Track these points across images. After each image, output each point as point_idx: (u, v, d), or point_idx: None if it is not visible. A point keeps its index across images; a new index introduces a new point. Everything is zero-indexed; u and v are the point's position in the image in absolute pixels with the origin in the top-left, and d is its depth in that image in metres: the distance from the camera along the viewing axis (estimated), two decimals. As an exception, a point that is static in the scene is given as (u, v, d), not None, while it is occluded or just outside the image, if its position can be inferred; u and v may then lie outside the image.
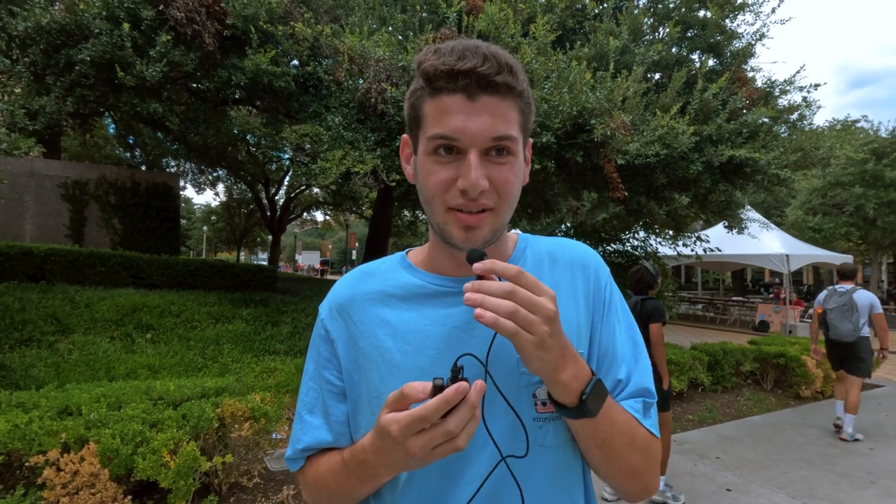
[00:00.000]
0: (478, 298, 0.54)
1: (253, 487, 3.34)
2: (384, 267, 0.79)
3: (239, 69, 5.70)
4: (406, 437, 0.52)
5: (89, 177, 9.78)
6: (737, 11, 6.65)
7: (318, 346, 0.77)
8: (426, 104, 0.63)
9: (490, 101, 0.60)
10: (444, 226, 0.65)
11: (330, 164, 5.01)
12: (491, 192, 0.62)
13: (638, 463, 0.69)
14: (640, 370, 0.74)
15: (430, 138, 0.62)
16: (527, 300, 0.54)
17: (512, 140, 0.62)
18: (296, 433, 0.77)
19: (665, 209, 6.56)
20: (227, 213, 24.21)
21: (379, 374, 0.70)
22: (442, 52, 0.61)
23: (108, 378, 4.62)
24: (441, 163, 0.63)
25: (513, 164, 0.64)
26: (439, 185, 0.63)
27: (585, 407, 0.60)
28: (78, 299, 6.47)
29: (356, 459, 0.64)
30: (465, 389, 0.50)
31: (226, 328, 6.62)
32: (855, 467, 4.21)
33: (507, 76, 0.61)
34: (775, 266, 13.43)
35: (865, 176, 15.81)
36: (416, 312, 0.71)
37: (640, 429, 0.69)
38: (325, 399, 0.75)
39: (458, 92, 0.60)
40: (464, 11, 5.70)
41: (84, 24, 5.23)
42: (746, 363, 6.61)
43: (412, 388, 0.53)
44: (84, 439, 2.61)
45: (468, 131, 0.60)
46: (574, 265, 0.76)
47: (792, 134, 6.52)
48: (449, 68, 0.59)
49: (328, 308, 0.78)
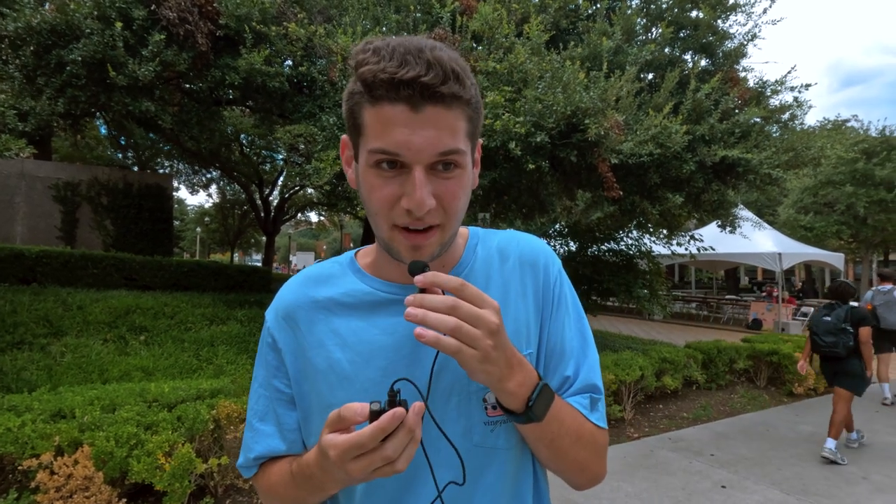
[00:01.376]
0: (419, 314, 0.52)
1: (249, 489, 3.33)
2: (333, 270, 0.76)
3: (232, 69, 5.67)
4: (344, 461, 0.52)
5: (81, 178, 9.71)
6: (729, 12, 6.69)
7: (265, 353, 0.75)
8: (365, 112, 0.58)
9: (435, 112, 0.56)
10: (389, 242, 0.62)
11: (324, 164, 5.00)
12: (437, 210, 0.59)
13: (585, 457, 0.70)
14: (587, 364, 0.74)
15: (371, 151, 0.58)
16: (469, 314, 0.53)
17: (459, 153, 0.59)
18: (247, 441, 0.75)
19: (658, 209, 6.59)
20: (221, 214, 24.07)
21: (328, 385, 0.68)
22: (381, 54, 0.55)
23: (101, 380, 4.58)
24: (384, 177, 0.58)
25: (460, 177, 0.60)
26: (383, 203, 0.59)
27: (532, 413, 0.61)
28: (70, 301, 6.41)
29: (303, 473, 0.63)
30: (401, 415, 0.50)
31: (220, 329, 6.59)
32: (848, 463, 4.25)
33: (453, 85, 0.55)
34: (768, 264, 13.54)
35: (856, 175, 15.97)
36: (365, 321, 0.69)
37: (586, 424, 0.70)
38: (275, 407, 0.73)
39: (400, 102, 0.55)
40: (457, 12, 5.70)
41: (75, 24, 5.19)
42: (740, 361, 6.66)
43: (350, 411, 0.52)
44: (78, 442, 2.59)
45: (412, 146, 0.56)
46: (523, 262, 0.74)
47: (783, 134, 6.57)
48: (390, 77, 0.54)
49: (274, 315, 0.74)
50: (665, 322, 14.85)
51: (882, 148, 15.96)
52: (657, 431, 4.97)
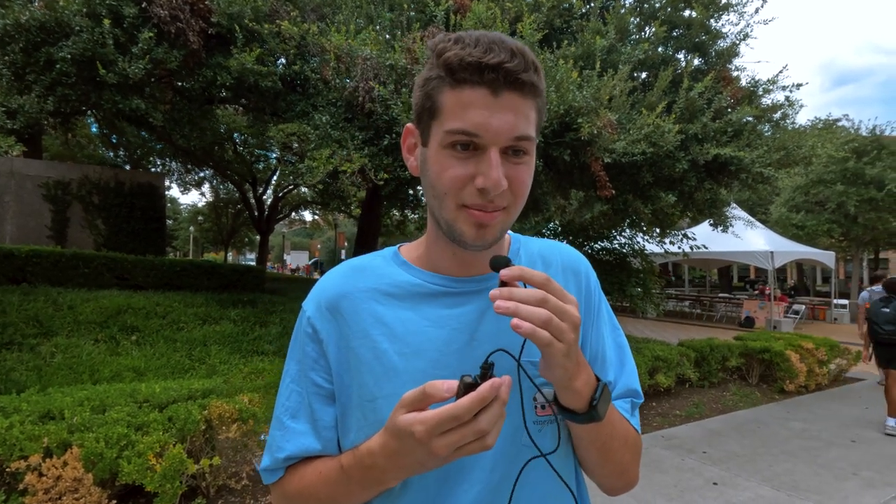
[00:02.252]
0: (511, 307, 0.52)
1: (241, 489, 3.31)
2: (376, 262, 0.75)
3: (224, 68, 5.64)
4: (433, 436, 0.50)
5: (72, 177, 9.61)
6: (721, 11, 6.72)
7: (303, 345, 0.72)
8: (445, 95, 0.60)
9: (513, 99, 0.58)
10: (453, 223, 0.63)
11: (317, 163, 4.98)
12: (507, 192, 0.61)
13: (628, 460, 0.71)
14: (626, 373, 0.76)
15: (448, 132, 0.59)
16: (557, 308, 0.53)
17: (530, 140, 0.61)
18: (276, 440, 0.71)
19: (651, 207, 6.62)
20: (214, 213, 23.94)
21: (373, 376, 0.66)
22: (465, 42, 0.58)
23: (92, 381, 4.55)
24: (457, 158, 0.60)
25: (528, 164, 0.63)
26: (454, 182, 0.60)
27: (595, 412, 0.60)
28: (61, 301, 6.35)
29: (361, 465, 0.60)
30: (498, 386, 0.49)
31: (213, 329, 6.55)
32: (837, 459, 4.30)
33: (532, 75, 0.59)
34: (760, 263, 13.64)
35: (847, 174, 16.09)
36: (414, 312, 0.68)
37: (630, 428, 0.72)
38: (311, 403, 0.70)
39: (483, 86, 0.57)
40: (451, 10, 5.69)
41: (64, 21, 5.14)
42: (732, 359, 6.71)
43: (436, 388, 0.51)
44: (67, 443, 2.57)
45: (491, 128, 0.58)
46: (566, 270, 0.76)
47: (775, 133, 6.61)
48: (476, 60, 0.56)
49: (315, 305, 0.72)
50: (658, 320, 14.94)
51: (872, 147, 16.10)
52: (650, 429, 4.99)
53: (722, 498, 3.52)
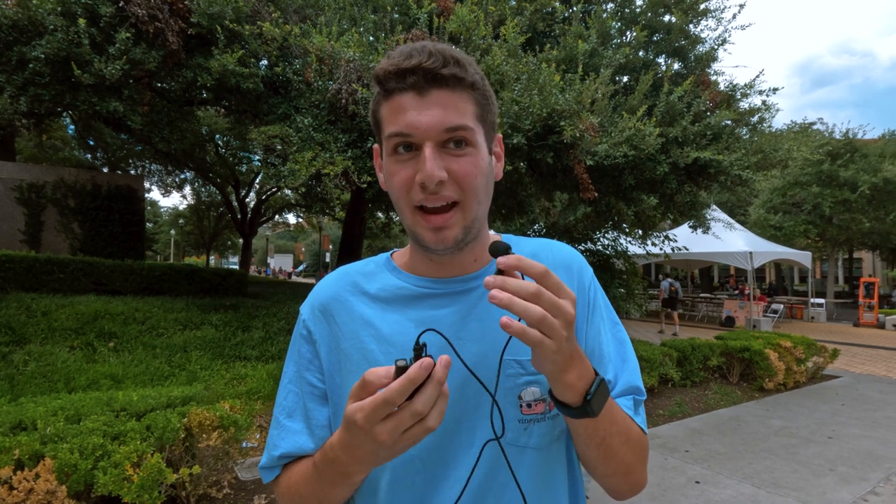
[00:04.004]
0: (505, 299, 0.51)
1: (223, 498, 3.25)
2: (368, 268, 0.78)
3: (205, 69, 5.55)
4: (373, 423, 0.49)
5: (46, 179, 9.37)
6: (700, 17, 6.86)
7: (299, 346, 0.75)
8: (382, 107, 0.64)
9: (440, 95, 0.61)
10: (413, 228, 0.65)
11: (300, 165, 4.93)
12: (452, 185, 0.62)
13: (632, 460, 0.69)
14: (628, 369, 0.74)
15: (387, 138, 0.63)
16: (551, 304, 0.52)
17: (467, 130, 0.62)
18: (272, 439, 0.73)
19: (633, 210, 6.71)
20: (196, 215, 23.57)
21: (361, 375, 0.68)
22: (391, 55, 0.62)
23: (67, 390, 4.42)
24: (400, 161, 0.63)
25: (473, 155, 0.63)
26: (401, 185, 0.63)
27: (589, 407, 0.59)
28: (34, 307, 6.17)
29: (325, 459, 0.61)
30: (429, 365, 0.48)
31: (194, 335, 6.43)
32: (815, 456, 4.39)
33: (453, 68, 0.61)
34: (740, 263, 13.90)
35: (822, 176, 16.52)
36: (399, 314, 0.71)
37: (633, 426, 0.70)
38: (305, 402, 0.72)
39: (408, 90, 0.61)
40: (434, 13, 5.70)
41: (38, 19, 5.01)
42: (714, 358, 6.82)
43: (374, 374, 0.50)
44: (39, 455, 2.49)
45: (420, 125, 0.60)
46: (558, 267, 0.76)
47: (753, 136, 6.76)
48: (396, 68, 0.60)
49: (310, 308, 0.76)
50: (641, 320, 15.11)
51: (846, 150, 16.56)
52: (634, 429, 5.04)
53: (704, 496, 3.57)
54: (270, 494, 3.38)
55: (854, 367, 8.64)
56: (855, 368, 8.56)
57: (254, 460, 3.85)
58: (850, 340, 12.03)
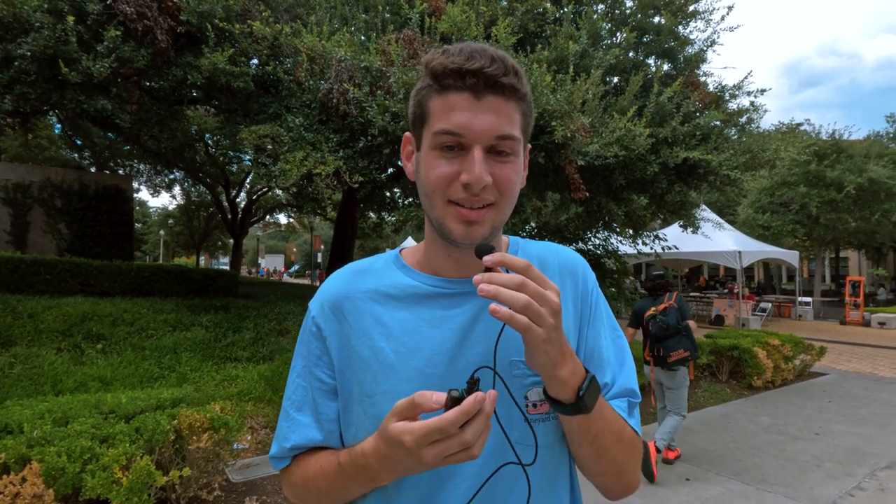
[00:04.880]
0: (491, 290, 0.54)
1: (213, 500, 3.22)
2: (377, 265, 0.78)
3: (195, 68, 5.50)
4: (421, 447, 0.53)
5: (32, 179, 9.23)
6: (689, 19, 6.93)
7: (308, 342, 0.76)
8: (432, 101, 0.64)
9: (495, 101, 0.62)
10: (442, 220, 0.65)
11: (290, 165, 4.91)
12: (492, 189, 0.63)
13: (624, 460, 0.71)
14: (624, 373, 0.76)
15: (435, 133, 0.63)
16: (536, 293, 0.55)
17: (514, 140, 0.64)
18: (283, 431, 0.75)
19: (624, 209, 6.75)
20: (186, 216, 23.34)
21: (372, 374, 0.69)
22: (450, 52, 0.63)
23: (54, 392, 4.36)
24: (445, 158, 0.64)
25: (514, 163, 0.65)
26: (441, 179, 0.64)
27: (582, 403, 0.62)
28: (20, 309, 6.07)
29: (356, 464, 0.64)
30: (482, 400, 0.51)
31: (184, 336, 6.37)
32: (802, 452, 4.45)
33: (512, 78, 0.62)
34: (729, 262, 14.05)
35: (809, 176, 16.74)
36: (410, 313, 0.71)
37: (626, 427, 0.72)
38: (315, 397, 0.74)
39: (465, 90, 0.62)
40: (426, 13, 5.70)
41: (23, 16, 4.93)
42: (703, 356, 6.88)
43: (425, 399, 0.53)
44: (26, 458, 2.45)
45: (474, 128, 0.61)
46: (563, 270, 0.78)
47: (741, 136, 6.83)
48: (458, 67, 0.61)
49: (320, 305, 0.76)
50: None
51: (832, 151, 16.79)
52: (625, 427, 5.07)
53: (694, 493, 3.60)
54: (262, 496, 3.36)
55: (840, 365, 8.77)
56: (841, 366, 8.69)
57: (245, 462, 3.83)
58: (836, 338, 12.21)
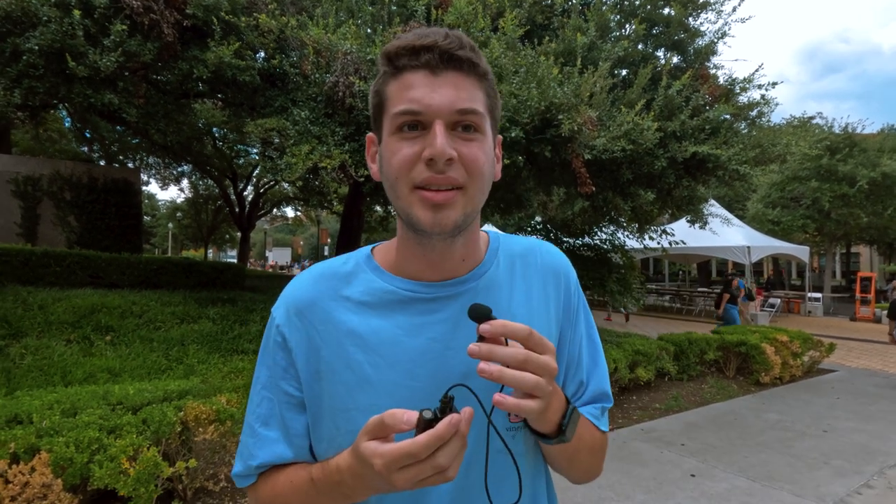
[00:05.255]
0: (494, 372, 0.51)
1: (220, 491, 3.26)
2: (347, 267, 0.72)
3: (201, 62, 5.49)
4: (391, 471, 0.49)
5: (42, 172, 9.31)
6: (699, 10, 6.80)
7: (273, 354, 0.70)
8: (389, 85, 0.62)
9: (454, 76, 0.59)
10: (409, 209, 0.60)
11: (296, 159, 4.91)
12: (459, 167, 0.59)
13: (594, 462, 0.75)
14: (598, 373, 0.77)
15: (393, 115, 0.60)
16: (539, 366, 0.53)
17: (478, 115, 0.60)
18: (248, 447, 0.70)
19: (630, 204, 6.68)
20: (194, 209, 23.48)
21: (346, 386, 0.65)
22: (404, 36, 0.61)
23: (64, 383, 4.42)
24: (406, 139, 0.60)
25: (481, 142, 0.61)
26: (403, 163, 0.59)
27: (564, 436, 0.63)
28: (31, 301, 6.16)
29: (330, 480, 0.60)
30: (457, 422, 0.48)
31: (191, 328, 6.42)
32: (810, 449, 4.41)
33: (469, 52, 0.60)
34: (738, 258, 13.92)
35: (821, 170, 16.50)
36: (387, 321, 0.66)
37: (597, 434, 0.74)
38: (282, 412, 0.69)
39: (421, 68, 0.59)
40: (432, 5, 5.65)
41: (31, 10, 4.95)
42: (710, 352, 6.84)
43: (395, 419, 0.50)
44: (35, 448, 2.49)
45: (432, 103, 0.58)
46: (546, 271, 0.75)
47: (751, 130, 6.73)
48: (411, 44, 0.59)
49: (285, 311, 0.70)
50: (639, 314, 15.14)
51: (844, 144, 16.53)
52: (630, 423, 5.06)
53: (699, 489, 3.59)
54: (267, 487, 3.39)
55: (850, 362, 8.68)
56: (851, 363, 8.60)
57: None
58: (846, 335, 12.09)
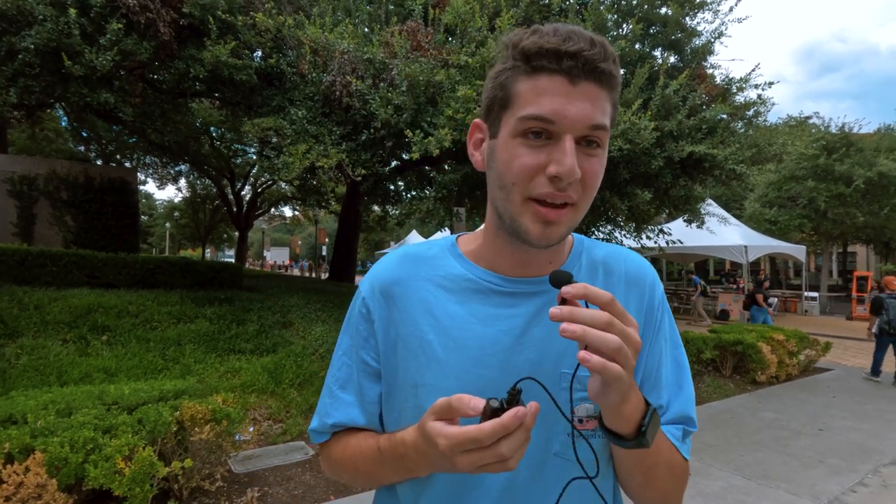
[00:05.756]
0: (578, 331, 0.48)
1: (216, 491, 3.25)
2: (432, 252, 0.74)
3: (198, 61, 5.49)
4: (455, 453, 0.50)
5: (38, 171, 9.28)
6: (696, 10, 6.82)
7: (356, 323, 0.74)
8: (519, 83, 0.58)
9: (591, 88, 0.57)
10: (518, 217, 0.60)
11: (293, 158, 4.90)
12: (578, 185, 0.58)
13: (672, 488, 0.69)
14: (682, 397, 0.72)
15: (521, 118, 0.58)
16: (623, 333, 0.50)
17: (605, 131, 0.59)
18: (325, 407, 0.74)
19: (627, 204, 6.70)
20: (191, 208, 23.44)
21: (417, 364, 0.68)
22: (543, 32, 0.57)
23: (59, 383, 4.40)
24: (529, 146, 0.58)
25: (601, 157, 0.60)
26: (524, 171, 0.58)
27: (644, 439, 0.57)
28: (27, 301, 6.13)
29: (395, 452, 0.62)
30: (523, 415, 0.48)
31: (188, 328, 6.41)
32: (806, 448, 4.43)
33: (611, 65, 0.57)
34: (735, 257, 13.95)
35: (817, 170, 16.54)
36: (463, 307, 0.68)
37: (677, 456, 0.69)
38: (359, 379, 0.73)
39: (560, 74, 0.56)
40: (430, 4, 5.66)
41: (27, 9, 4.94)
42: (707, 351, 6.85)
43: (462, 403, 0.50)
44: (30, 448, 2.48)
45: (568, 115, 0.56)
46: (630, 280, 0.72)
47: (748, 130, 6.75)
48: (555, 47, 0.55)
49: (370, 286, 0.73)
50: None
51: (841, 144, 16.57)
52: (627, 422, 5.07)
53: (695, 488, 3.60)
54: (264, 487, 3.39)
55: (846, 360, 8.71)
56: (847, 361, 8.63)
57: (247, 453, 3.86)
58: (842, 334, 12.13)
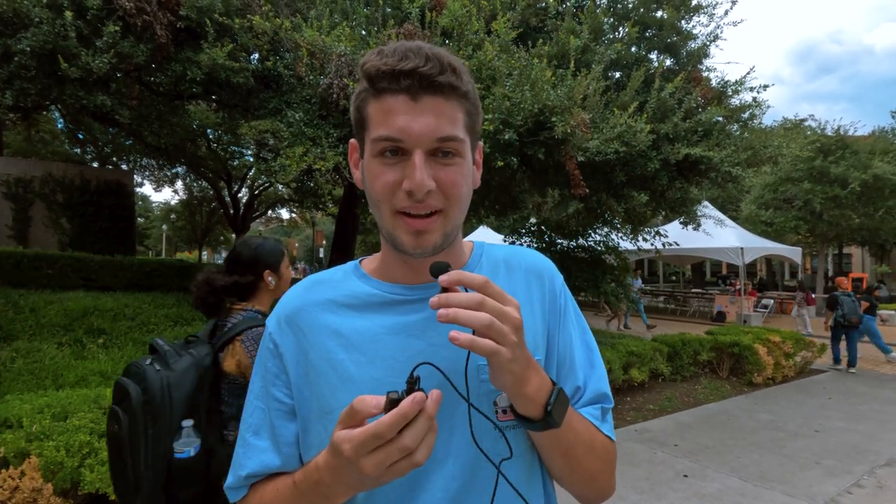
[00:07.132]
0: (450, 314, 0.51)
1: (212, 495, 3.24)
2: (336, 276, 0.75)
3: (194, 63, 5.48)
4: (360, 455, 0.49)
5: (34, 174, 9.26)
6: (692, 13, 6.85)
7: (265, 361, 0.72)
8: (370, 105, 0.62)
9: (434, 102, 0.59)
10: (392, 231, 0.63)
11: (290, 161, 4.90)
12: (438, 194, 0.61)
13: (597, 468, 0.70)
14: (596, 375, 0.75)
15: (374, 140, 0.61)
16: (496, 310, 0.53)
17: (457, 141, 0.61)
18: (238, 458, 0.71)
19: (624, 206, 6.72)
20: (188, 210, 23.37)
21: (330, 387, 0.66)
22: (384, 53, 0.60)
23: (55, 387, 4.38)
24: (387, 164, 0.61)
25: (460, 165, 0.62)
26: (385, 188, 0.61)
27: (551, 418, 0.59)
28: (22, 304, 6.11)
29: (309, 480, 0.60)
30: (421, 400, 0.47)
31: (185, 331, 6.39)
32: (802, 449, 4.45)
33: (450, 76, 0.59)
34: (731, 259, 14.00)
35: (813, 172, 16.61)
36: (369, 321, 0.68)
37: (598, 435, 0.71)
38: (272, 419, 0.70)
39: (401, 92, 0.59)
40: (427, 7, 5.66)
41: (23, 11, 4.93)
42: (703, 353, 6.87)
43: (363, 403, 0.50)
44: (25, 453, 2.47)
45: (412, 132, 0.59)
46: (529, 273, 0.76)
47: (743, 132, 6.78)
48: (391, 69, 0.58)
49: (276, 320, 0.73)
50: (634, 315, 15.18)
51: (836, 146, 16.66)
52: (624, 424, 5.08)
53: (691, 490, 3.61)
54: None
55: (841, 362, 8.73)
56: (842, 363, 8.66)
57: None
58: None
